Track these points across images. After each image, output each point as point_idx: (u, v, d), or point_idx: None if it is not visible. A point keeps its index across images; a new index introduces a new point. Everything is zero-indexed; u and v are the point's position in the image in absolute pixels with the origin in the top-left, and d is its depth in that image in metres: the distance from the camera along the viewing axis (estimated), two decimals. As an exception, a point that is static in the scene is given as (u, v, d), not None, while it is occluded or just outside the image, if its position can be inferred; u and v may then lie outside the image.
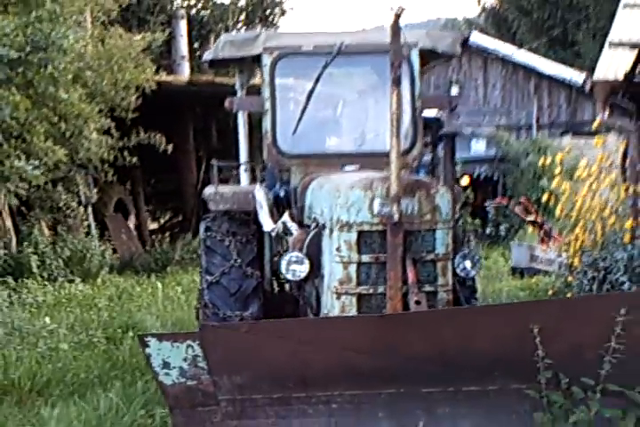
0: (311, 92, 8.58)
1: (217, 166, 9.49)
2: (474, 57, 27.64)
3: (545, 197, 12.57)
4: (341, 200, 7.13)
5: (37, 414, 8.16)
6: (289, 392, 5.77)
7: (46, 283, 15.50)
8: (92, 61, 17.05)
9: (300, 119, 8.67)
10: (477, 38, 28.08)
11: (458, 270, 7.56)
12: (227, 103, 9.14)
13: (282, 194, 8.95)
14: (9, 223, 16.55)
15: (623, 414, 5.36)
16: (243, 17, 32.53)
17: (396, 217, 6.80)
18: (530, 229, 18.81)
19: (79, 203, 19.46)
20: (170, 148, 18.33)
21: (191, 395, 5.87)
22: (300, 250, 7.63)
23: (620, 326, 5.12)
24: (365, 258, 7.09)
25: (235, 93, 10.10)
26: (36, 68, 12.71)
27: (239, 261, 8.86)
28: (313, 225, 7.70)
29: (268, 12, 33.21)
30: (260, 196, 8.85)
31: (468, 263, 7.60)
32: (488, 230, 23.29)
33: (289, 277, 7.62)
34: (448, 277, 7.18)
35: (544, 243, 17.36)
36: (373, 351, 5.50)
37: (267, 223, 8.58)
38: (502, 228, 23.24)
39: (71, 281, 16.13)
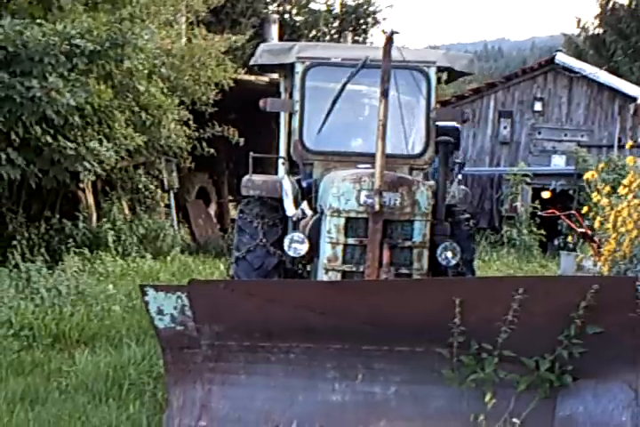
0: (336, 97, 9.80)
1: (252, 158, 10.69)
2: (559, 76, 28.36)
3: (584, 210, 13.30)
4: (334, 190, 8.53)
5: (73, 357, 9.58)
6: (256, 342, 6.97)
7: (119, 257, 16.86)
8: (174, 59, 18.53)
9: (324, 121, 9.91)
10: (563, 58, 28.88)
11: (440, 259, 8.84)
12: (261, 103, 10.41)
13: (304, 185, 10.16)
14: (91, 200, 18.03)
15: (519, 377, 6.49)
16: (336, 24, 33.62)
17: (377, 207, 8.19)
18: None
19: (162, 188, 21.05)
20: (242, 141, 19.69)
21: (179, 338, 7.06)
22: (303, 231, 8.99)
23: (518, 303, 6.27)
24: (350, 240, 8.50)
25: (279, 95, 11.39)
26: (114, 62, 14.21)
27: (264, 240, 9.99)
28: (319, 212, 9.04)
29: (361, 21, 34.21)
30: (287, 185, 10.08)
31: (449, 254, 8.86)
32: (556, 241, 23.93)
33: (290, 253, 9.02)
34: (423, 262, 8.53)
35: (597, 255, 18.09)
36: (324, 312, 6.64)
37: (289, 209, 9.82)
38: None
39: (142, 257, 17.40)
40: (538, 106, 27.52)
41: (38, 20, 13.69)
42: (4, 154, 13.53)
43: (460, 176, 10.59)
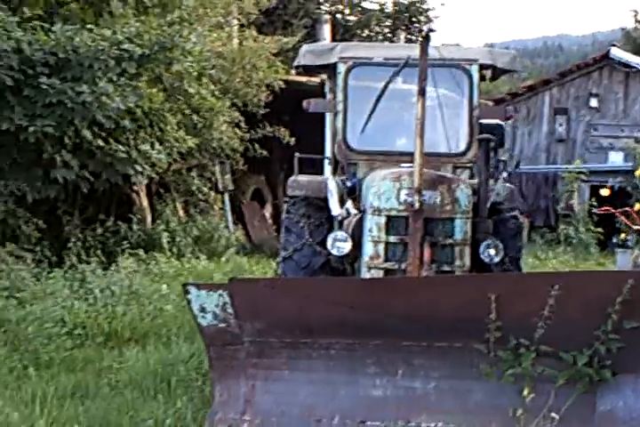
0: (379, 97, 9.86)
1: (297, 158, 10.79)
2: (615, 71, 28.05)
3: (637, 207, 13.19)
4: (375, 189, 8.64)
5: (124, 355, 9.78)
6: (297, 338, 7.10)
7: (173, 258, 17.06)
8: (225, 61, 18.73)
9: (367, 120, 9.97)
10: (618, 52, 28.51)
11: (483, 256, 8.88)
12: (304, 104, 10.51)
13: (349, 184, 10.23)
14: (145, 202, 18.30)
15: (557, 372, 6.51)
16: (388, 23, 33.64)
17: (417, 205, 8.26)
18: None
19: (216, 190, 21.28)
20: (293, 141, 19.85)
21: (222, 335, 7.22)
22: (347, 230, 9.09)
23: (554, 298, 6.31)
24: (392, 238, 8.59)
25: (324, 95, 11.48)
26: (164, 65, 14.43)
27: (310, 240, 10.05)
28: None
29: (414, 19, 34.19)
30: (332, 185, 10.14)
31: (492, 251, 8.91)
32: (615, 239, 23.68)
33: (334, 252, 9.13)
34: (465, 259, 8.60)
35: None
36: (364, 308, 6.76)
37: (334, 208, 9.89)
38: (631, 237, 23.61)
39: (197, 258, 17.61)
40: (594, 102, 27.24)
41: (89, 26, 13.94)
42: (58, 157, 13.81)
43: (505, 174, 10.54)
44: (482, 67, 10.39)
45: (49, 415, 7.59)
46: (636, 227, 19.24)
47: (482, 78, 11.47)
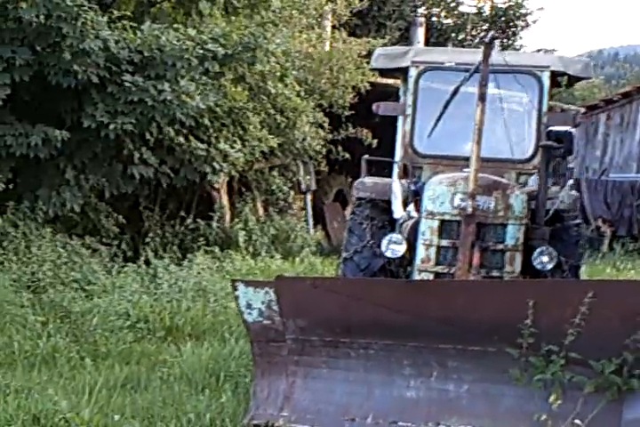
0: (448, 101, 9.89)
1: (365, 161, 10.89)
2: None
3: None
4: (429, 193, 8.73)
5: (180, 349, 9.99)
6: (337, 337, 7.20)
7: (249, 256, 17.23)
8: (313, 62, 18.92)
9: (435, 125, 9.96)
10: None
11: (535, 263, 8.89)
12: (374, 107, 10.58)
13: (413, 188, 10.28)
14: (225, 200, 18.54)
15: (586, 380, 6.50)
16: (484, 27, 33.45)
17: (470, 210, 8.29)
18: None
19: (299, 190, 21.45)
20: (374, 142, 19.93)
21: (266, 332, 7.38)
22: (401, 233, 9.16)
23: (587, 306, 6.31)
24: (444, 242, 8.68)
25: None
26: (247, 64, 14.68)
27: (372, 242, 10.07)
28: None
29: (510, 23, 33.96)
30: (396, 188, 10.21)
31: (545, 258, 8.91)
32: None
33: (388, 254, 9.21)
34: (515, 265, 8.63)
35: None
36: (402, 310, 6.83)
37: (397, 211, 9.96)
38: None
39: (272, 257, 17.72)
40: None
41: (176, 25, 14.22)
42: (137, 153, 14.13)
43: (570, 181, 10.49)
44: (554, 74, 10.32)
45: (95, 405, 7.80)
46: None
47: (558, 85, 11.47)
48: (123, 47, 13.26)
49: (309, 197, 22.01)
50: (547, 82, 10.15)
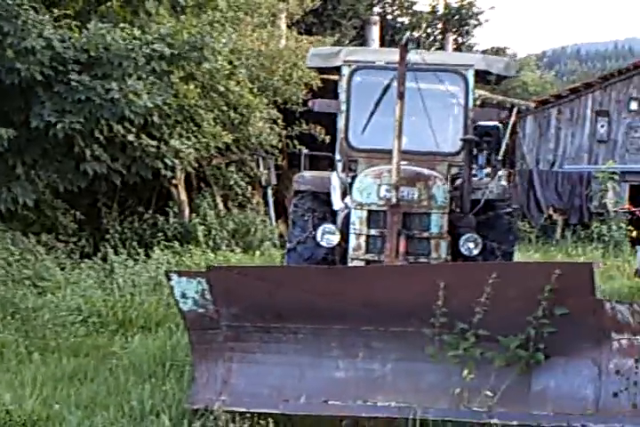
0: (379, 98, 10.31)
1: (304, 155, 11.27)
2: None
3: None
4: (357, 185, 9.13)
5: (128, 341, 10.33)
6: (268, 323, 7.55)
7: (209, 251, 17.49)
8: (265, 60, 19.28)
9: (368, 120, 10.41)
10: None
11: (462, 249, 9.35)
12: (310, 104, 11.01)
13: (349, 181, 10.64)
14: (183, 196, 18.84)
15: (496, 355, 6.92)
16: (439, 25, 33.89)
17: (394, 201, 8.74)
18: None
19: (260, 184, 21.79)
20: (328, 138, 20.24)
21: (201, 320, 7.67)
22: (334, 223, 9.58)
23: (491, 287, 6.73)
24: (372, 232, 9.13)
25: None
26: (195, 64, 15.01)
27: (314, 233, 10.40)
28: None
29: (463, 22, 34.40)
30: (335, 180, 10.60)
31: (471, 244, 9.39)
32: None
33: (323, 244, 9.64)
34: (440, 252, 9.09)
35: None
36: (327, 295, 7.19)
37: (336, 203, 10.35)
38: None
39: (232, 251, 18.04)
40: (634, 105, 27.49)
41: (122, 25, 14.50)
42: (88, 150, 14.41)
43: (500, 172, 10.92)
44: (477, 72, 10.72)
45: (38, 396, 8.06)
46: None
47: (487, 82, 11.92)
48: (68, 46, 13.53)
49: (270, 191, 22.31)
50: (471, 80, 10.60)
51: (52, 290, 12.37)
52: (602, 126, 27.45)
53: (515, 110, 26.94)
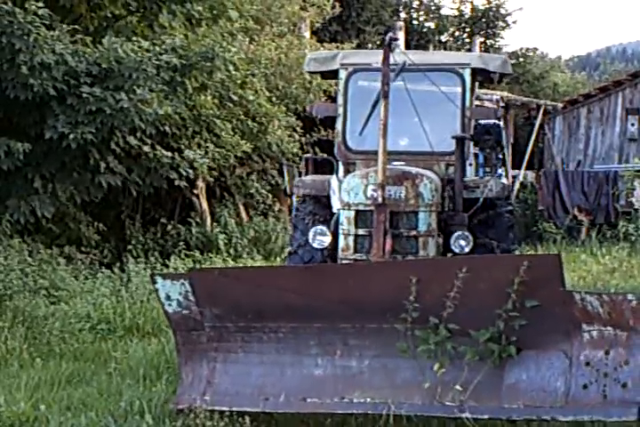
0: (376, 100, 10.36)
1: (306, 159, 11.36)
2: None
3: None
4: (345, 185, 9.22)
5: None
6: (250, 323, 7.62)
7: (230, 259, 17.64)
8: (283, 68, 19.43)
9: (365, 122, 10.42)
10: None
11: (453, 247, 9.38)
12: (308, 108, 11.11)
13: None
14: (205, 205, 19.00)
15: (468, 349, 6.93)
16: (467, 29, 33.84)
17: (380, 200, 8.79)
18: None
19: (285, 193, 21.90)
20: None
21: (186, 321, 7.78)
22: (325, 224, 9.67)
23: (461, 281, 6.76)
24: (360, 231, 9.20)
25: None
26: (207, 74, 15.21)
27: None
28: None
29: (490, 24, 34.35)
30: (334, 183, 10.67)
31: (462, 242, 9.41)
32: None
33: (315, 245, 9.72)
34: (429, 250, 9.13)
35: None
36: (305, 294, 7.26)
37: (335, 205, 10.44)
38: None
39: (253, 258, 18.20)
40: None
41: (135, 38, 14.73)
42: (103, 163, 14.65)
43: (500, 170, 10.96)
44: (474, 71, 10.75)
45: (31, 398, 8.21)
46: None
47: (490, 81, 11.93)
48: (80, 60, 13.75)
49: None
50: (468, 78, 10.59)
51: (65, 299, 12.59)
52: (632, 125, 27.18)
53: (541, 111, 26.79)
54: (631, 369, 6.39)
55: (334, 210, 10.34)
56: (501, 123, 11.02)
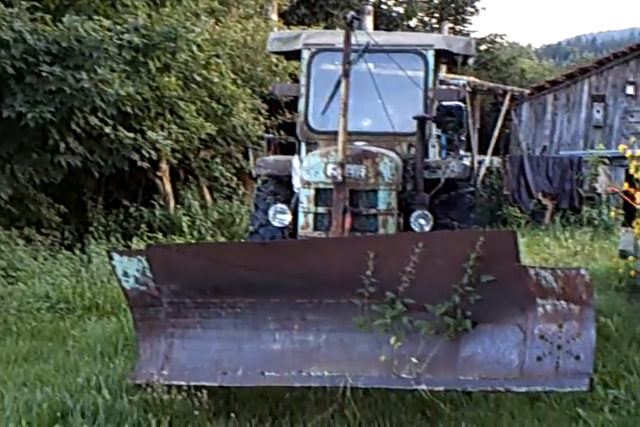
0: (339, 81, 10.33)
1: (267, 139, 11.33)
2: (651, 59, 28.11)
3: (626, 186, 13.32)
4: (305, 164, 9.18)
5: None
6: (207, 298, 7.59)
7: (192, 241, 17.49)
8: (249, 51, 19.34)
9: (328, 103, 10.41)
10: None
11: (413, 226, 9.38)
12: (270, 88, 11.09)
13: None
14: (168, 188, 18.91)
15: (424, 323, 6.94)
16: (436, 14, 33.84)
17: (340, 178, 8.78)
18: None
19: (250, 176, 21.83)
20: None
21: (143, 298, 7.72)
22: (286, 202, 9.64)
23: (418, 256, 6.76)
24: (320, 209, 9.17)
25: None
26: (171, 54, 15.10)
27: None
28: None
29: (460, 10, 34.38)
30: (295, 163, 10.65)
31: (422, 221, 9.41)
32: None
33: (275, 224, 9.69)
34: (388, 228, 9.13)
35: None
36: (262, 269, 7.23)
37: (296, 185, 10.42)
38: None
39: (216, 240, 18.02)
40: (630, 89, 27.24)
41: (96, 17, 14.59)
42: (63, 143, 14.51)
43: (461, 152, 10.97)
44: (437, 52, 10.73)
45: (-15, 376, 8.17)
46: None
47: (454, 63, 11.94)
48: (40, 39, 13.60)
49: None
50: (431, 59, 10.59)
51: (23, 279, 12.54)
52: (598, 112, 27.32)
53: (508, 97, 26.85)
54: (583, 342, 6.44)
55: (295, 190, 10.33)
56: (467, 107, 10.99)
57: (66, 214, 16.90)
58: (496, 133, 26.51)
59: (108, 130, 14.83)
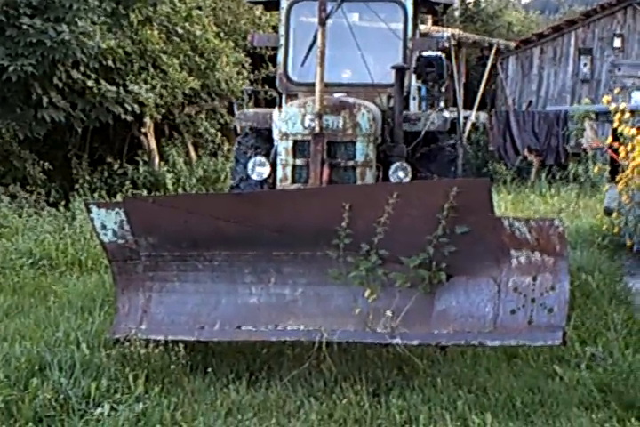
0: (317, 32, 10.25)
1: (246, 91, 11.24)
2: (638, 11, 27.65)
3: (609, 140, 13.26)
4: (283, 116, 9.12)
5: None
6: (185, 251, 7.56)
7: (178, 197, 17.42)
8: (231, 2, 19.17)
9: (307, 54, 10.32)
10: (643, -8, 27.91)
11: (392, 178, 9.36)
12: (249, 37, 10.97)
13: None
14: (153, 145, 18.87)
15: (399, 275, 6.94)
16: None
17: (317, 129, 8.73)
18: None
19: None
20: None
21: (122, 251, 7.71)
22: (266, 156, 9.60)
23: (392, 207, 6.74)
24: (298, 161, 9.11)
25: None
26: (151, 6, 14.97)
27: None
28: None
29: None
30: (276, 116, 10.59)
31: (401, 173, 9.39)
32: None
33: (254, 177, 9.67)
34: (366, 180, 9.08)
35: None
36: (239, 221, 7.20)
37: (277, 137, 10.37)
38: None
39: (201, 196, 18.04)
40: (617, 42, 27.03)
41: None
42: (46, 97, 14.41)
43: (442, 104, 10.91)
44: (417, 1, 10.63)
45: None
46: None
47: (434, 14, 11.84)
48: (19, -10, 13.48)
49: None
50: (410, 8, 10.49)
51: (7, 236, 12.44)
52: (585, 65, 27.11)
53: (493, 50, 26.61)
54: (557, 295, 6.40)
55: (275, 143, 10.28)
56: (452, 60, 10.90)
57: (51, 172, 16.85)
58: (482, 88, 26.33)
59: (90, 83, 14.78)
